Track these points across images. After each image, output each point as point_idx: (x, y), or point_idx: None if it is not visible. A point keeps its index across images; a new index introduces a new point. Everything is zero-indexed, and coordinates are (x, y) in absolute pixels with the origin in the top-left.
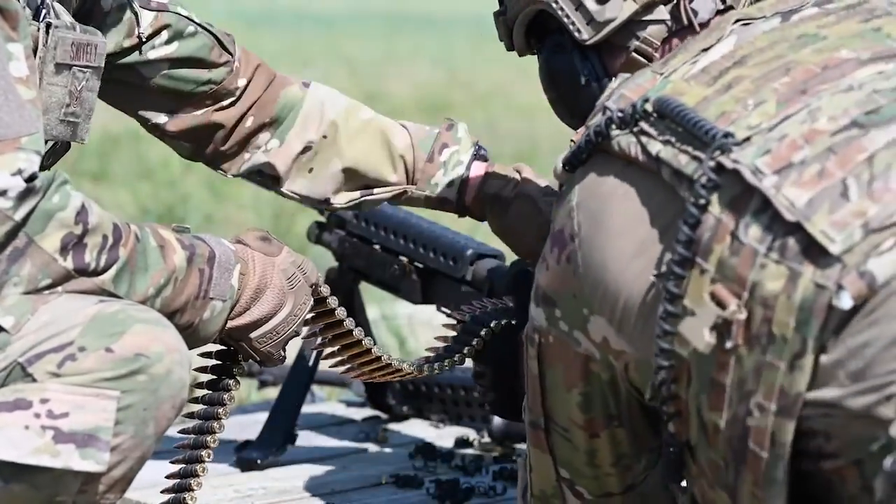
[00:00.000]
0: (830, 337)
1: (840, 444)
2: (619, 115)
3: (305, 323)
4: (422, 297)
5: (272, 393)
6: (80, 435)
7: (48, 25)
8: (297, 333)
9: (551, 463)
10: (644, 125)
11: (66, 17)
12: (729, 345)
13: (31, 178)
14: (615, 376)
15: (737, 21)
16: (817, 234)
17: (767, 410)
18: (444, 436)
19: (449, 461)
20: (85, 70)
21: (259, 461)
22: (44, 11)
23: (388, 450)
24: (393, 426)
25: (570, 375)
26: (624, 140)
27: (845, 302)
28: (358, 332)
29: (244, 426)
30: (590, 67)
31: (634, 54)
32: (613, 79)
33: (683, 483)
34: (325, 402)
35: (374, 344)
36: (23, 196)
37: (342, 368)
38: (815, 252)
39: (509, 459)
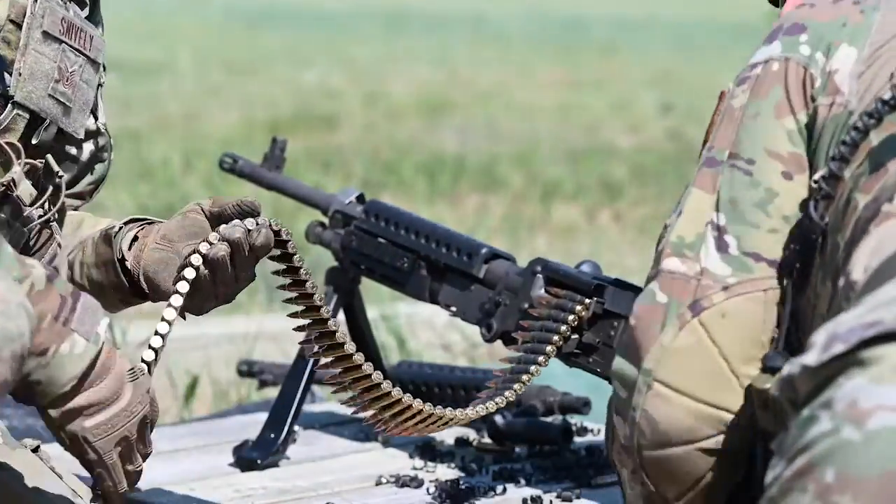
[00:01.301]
0: None
1: None
2: None
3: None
4: (430, 294)
5: (272, 393)
6: None
7: None
8: (129, 435)
9: (712, 207)
10: None
11: None
12: None
13: None
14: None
15: None
16: None
17: None
18: (444, 436)
19: (449, 461)
20: (78, 54)
21: (259, 461)
22: None
23: (388, 450)
24: None
25: (790, 101)
26: None
27: None
28: (360, 359)
29: (244, 426)
30: None
31: None
32: None
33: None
34: (325, 402)
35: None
36: None
37: (366, 415)
38: None
39: (509, 459)
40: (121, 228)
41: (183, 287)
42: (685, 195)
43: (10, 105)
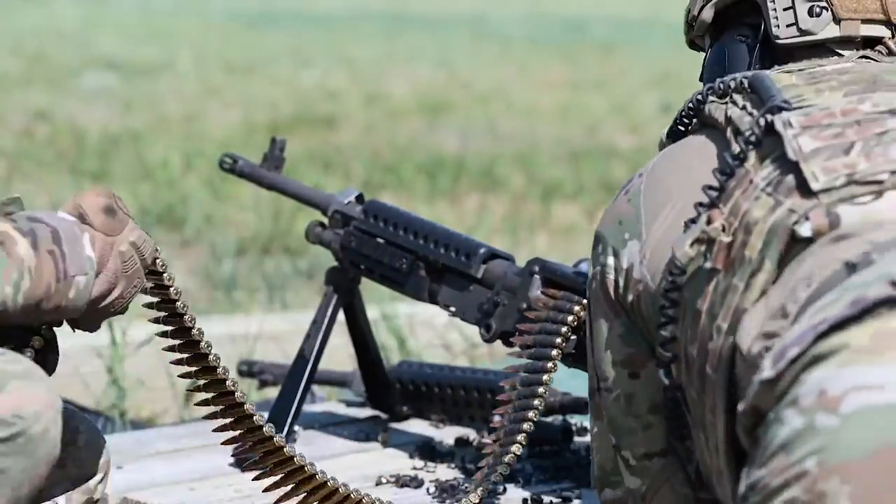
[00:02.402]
0: (784, 266)
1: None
2: (720, 85)
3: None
4: (429, 294)
5: (272, 393)
6: None
7: None
8: (120, 312)
9: (607, 429)
10: (735, 95)
11: None
12: (707, 265)
13: None
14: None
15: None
16: (807, 173)
17: (722, 331)
18: (444, 436)
19: (449, 461)
20: None
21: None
22: None
23: (388, 450)
24: (393, 426)
25: (610, 310)
26: (713, 106)
27: (805, 230)
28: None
29: None
30: (762, 66)
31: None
32: None
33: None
34: (325, 402)
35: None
36: None
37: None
38: (801, 188)
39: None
40: None
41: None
42: (591, 433)
43: None
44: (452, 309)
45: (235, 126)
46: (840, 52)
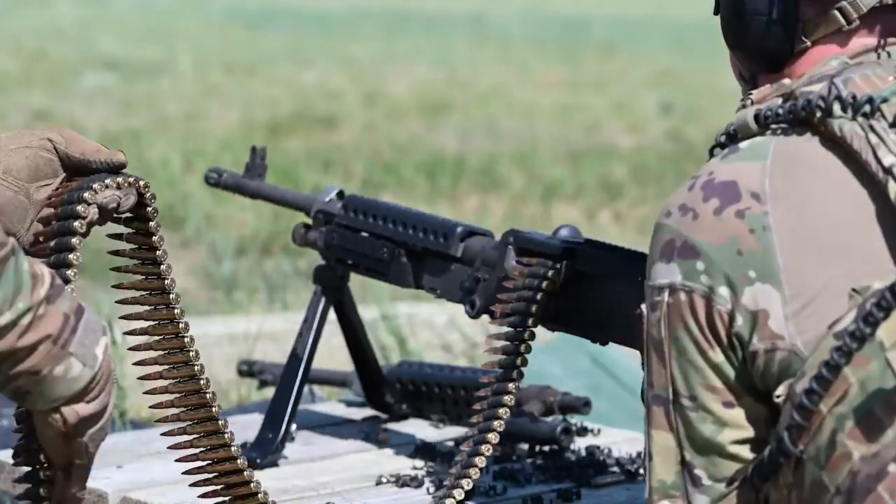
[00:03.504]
0: None
1: None
2: (851, 100)
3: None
4: (413, 279)
5: (272, 393)
6: None
7: None
8: (81, 458)
9: (675, 444)
10: (875, 125)
11: None
12: None
13: None
14: (746, 344)
15: None
16: None
17: None
18: (444, 436)
19: (449, 461)
20: None
21: (258, 461)
22: None
23: (388, 450)
24: (393, 426)
25: (707, 338)
26: (847, 127)
27: None
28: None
29: (244, 426)
30: (785, 6)
31: (835, 12)
32: (803, 30)
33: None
34: (325, 402)
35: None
36: None
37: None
38: None
39: (509, 459)
40: None
41: (77, 259)
42: (647, 438)
43: None
44: (437, 291)
45: (235, 126)
46: None
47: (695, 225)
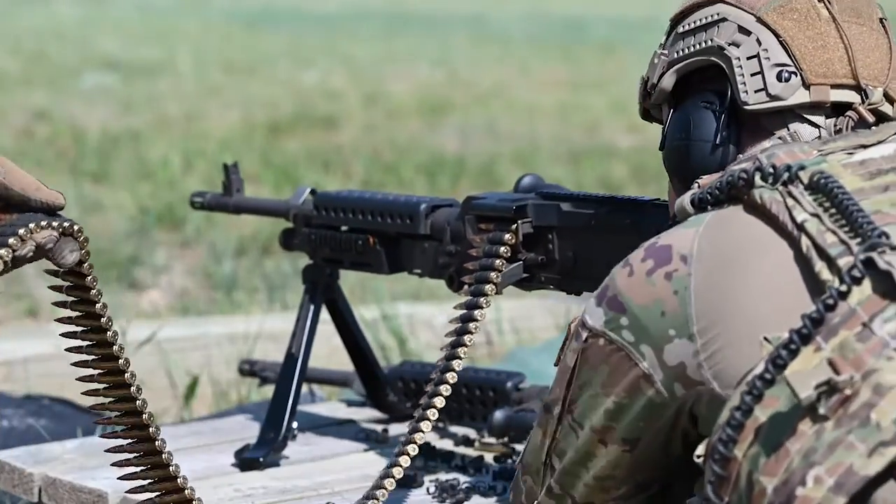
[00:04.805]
0: None
1: None
2: (771, 169)
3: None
4: (388, 265)
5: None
6: None
7: None
8: None
9: (546, 447)
10: (793, 189)
11: None
12: (822, 411)
13: None
14: (667, 402)
15: None
16: None
17: (823, 483)
18: (444, 436)
19: (449, 461)
20: None
21: (260, 460)
22: None
23: (388, 450)
24: (393, 426)
25: (613, 383)
26: (767, 195)
27: None
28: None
29: (244, 426)
30: (729, 133)
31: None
32: (739, 151)
33: None
34: (325, 402)
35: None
36: None
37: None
38: None
39: (509, 459)
40: None
41: None
42: (534, 434)
43: None
44: (418, 271)
45: (235, 126)
46: (809, 118)
47: (628, 282)
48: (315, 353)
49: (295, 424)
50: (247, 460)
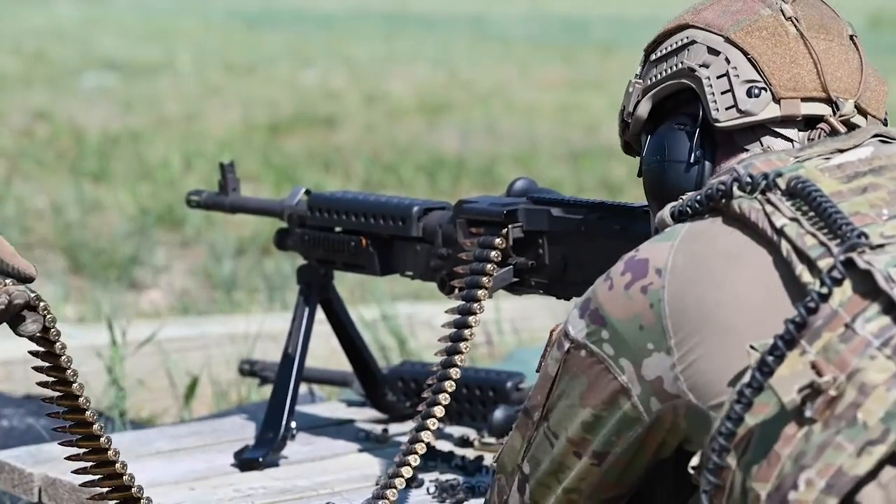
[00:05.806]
0: None
1: None
2: (748, 179)
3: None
4: (380, 267)
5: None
6: None
7: None
8: None
9: (522, 451)
10: (772, 196)
11: None
12: (808, 413)
13: None
14: (641, 416)
15: (875, 136)
16: None
17: (814, 486)
18: (444, 436)
19: (449, 461)
20: None
21: (259, 460)
22: None
23: (388, 450)
24: (393, 426)
25: (592, 395)
26: (746, 204)
27: None
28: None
29: (244, 426)
30: (703, 152)
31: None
32: (714, 169)
33: None
34: (325, 402)
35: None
36: None
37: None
38: None
39: None
40: None
41: None
42: (512, 433)
43: None
44: (411, 273)
45: (235, 126)
46: (782, 132)
47: (608, 295)
48: (315, 353)
49: (294, 424)
50: (246, 461)
